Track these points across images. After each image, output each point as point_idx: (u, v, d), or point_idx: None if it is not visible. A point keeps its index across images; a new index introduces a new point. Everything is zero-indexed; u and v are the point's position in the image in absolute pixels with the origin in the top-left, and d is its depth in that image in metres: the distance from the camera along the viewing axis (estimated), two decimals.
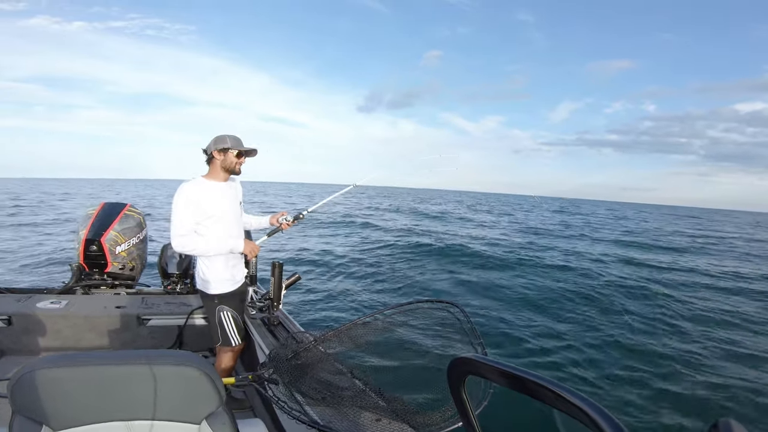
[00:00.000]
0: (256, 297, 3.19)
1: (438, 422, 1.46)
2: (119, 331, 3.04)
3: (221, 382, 1.16)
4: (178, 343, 3.14)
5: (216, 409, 1.15)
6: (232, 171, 2.44)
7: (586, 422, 0.53)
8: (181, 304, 3.34)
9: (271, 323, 2.83)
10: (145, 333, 3.09)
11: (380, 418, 1.60)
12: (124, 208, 3.70)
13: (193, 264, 3.91)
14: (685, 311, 7.65)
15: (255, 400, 2.62)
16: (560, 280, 9.46)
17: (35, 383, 0.99)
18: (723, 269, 12.53)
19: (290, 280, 3.01)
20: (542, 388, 0.59)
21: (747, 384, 4.71)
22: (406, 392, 1.71)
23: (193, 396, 1.12)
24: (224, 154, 2.37)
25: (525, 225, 23.44)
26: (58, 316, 2.91)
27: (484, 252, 12.37)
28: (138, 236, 3.69)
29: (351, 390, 1.79)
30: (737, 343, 6.10)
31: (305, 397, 1.76)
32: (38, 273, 7.60)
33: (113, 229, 3.52)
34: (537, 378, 0.60)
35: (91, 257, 3.47)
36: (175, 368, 1.09)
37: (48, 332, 2.89)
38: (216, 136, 2.42)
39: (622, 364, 5.23)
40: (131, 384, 1.06)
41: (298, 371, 1.95)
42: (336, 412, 1.67)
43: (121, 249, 3.55)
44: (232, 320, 2.48)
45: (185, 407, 1.12)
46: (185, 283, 3.81)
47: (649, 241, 19.46)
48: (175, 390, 1.10)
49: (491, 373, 0.68)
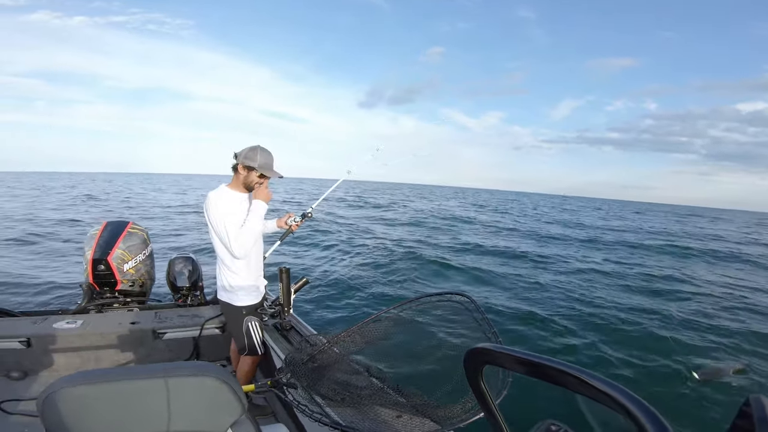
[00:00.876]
0: (267, 303, 3.21)
1: (459, 414, 1.47)
2: (136, 346, 3.07)
3: (242, 390, 1.17)
4: (195, 354, 3.17)
5: (240, 417, 1.17)
6: (250, 189, 2.43)
7: (611, 405, 0.52)
8: (194, 315, 3.37)
9: (283, 328, 2.85)
10: (161, 346, 3.12)
11: (401, 414, 1.61)
12: (127, 225, 3.72)
13: (201, 276, 3.93)
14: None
15: (276, 405, 2.65)
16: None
17: (64, 401, 1.00)
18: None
19: (298, 284, 3.03)
20: (562, 373, 0.58)
21: None
22: (425, 387, 1.71)
23: (216, 405, 1.13)
24: (248, 172, 2.34)
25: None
26: (75, 336, 2.94)
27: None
28: (144, 252, 3.71)
29: (369, 388, 1.81)
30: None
31: (325, 399, 1.77)
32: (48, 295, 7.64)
33: (119, 247, 3.54)
34: (556, 363, 0.60)
35: (100, 276, 3.50)
36: (195, 379, 1.10)
37: (67, 351, 2.93)
38: (252, 146, 2.34)
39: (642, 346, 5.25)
40: (154, 397, 1.08)
41: (316, 374, 1.97)
42: (356, 411, 1.69)
43: (128, 266, 3.57)
44: (259, 329, 2.52)
45: (209, 417, 1.14)
46: (195, 295, 3.84)
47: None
48: (198, 401, 1.12)
49: (508, 362, 0.68)
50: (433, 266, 10.01)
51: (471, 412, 1.43)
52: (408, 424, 1.54)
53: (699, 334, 5.67)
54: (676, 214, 54.38)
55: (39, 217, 15.31)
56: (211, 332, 3.20)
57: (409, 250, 11.52)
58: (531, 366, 0.64)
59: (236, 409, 1.15)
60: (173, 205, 23.13)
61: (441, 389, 1.61)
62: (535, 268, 10.30)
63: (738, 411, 0.43)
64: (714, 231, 27.38)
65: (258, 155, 2.32)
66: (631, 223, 30.75)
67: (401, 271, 9.43)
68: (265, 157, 2.34)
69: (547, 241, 15.69)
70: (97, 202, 24.03)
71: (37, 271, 8.85)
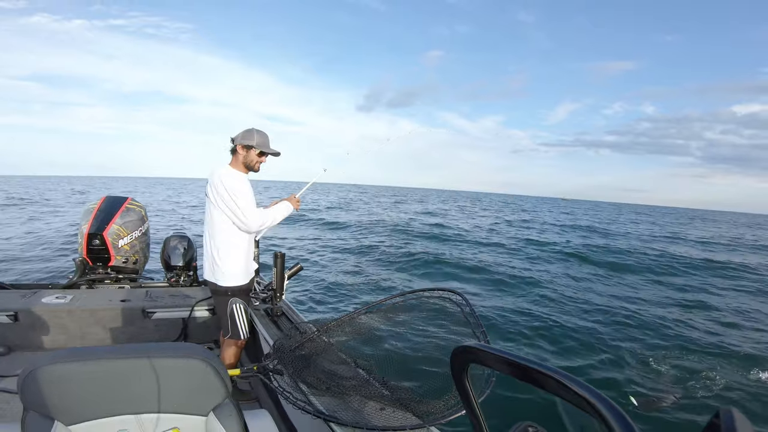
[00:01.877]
0: (259, 288, 3.21)
1: (441, 410, 1.47)
2: (125, 324, 3.07)
3: (227, 373, 1.17)
4: (183, 336, 3.17)
5: (222, 401, 1.17)
6: (251, 168, 2.48)
7: (589, 410, 0.53)
8: (185, 296, 3.36)
9: (274, 314, 2.85)
10: (150, 326, 3.12)
11: (384, 407, 1.62)
12: (126, 201, 3.70)
13: (195, 256, 3.92)
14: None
15: (260, 390, 2.65)
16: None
17: (45, 379, 1.00)
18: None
19: (292, 270, 3.02)
20: (544, 376, 0.59)
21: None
22: (410, 381, 1.72)
23: (200, 388, 1.13)
24: (247, 151, 2.41)
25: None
26: (63, 311, 2.93)
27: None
28: (140, 229, 3.70)
29: (355, 380, 1.81)
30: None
31: (310, 388, 1.77)
32: (42, 268, 7.65)
33: (115, 222, 3.53)
34: (539, 366, 0.60)
35: (94, 251, 3.49)
36: (181, 360, 1.10)
37: (54, 327, 2.92)
38: (246, 129, 2.44)
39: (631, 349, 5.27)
40: (139, 377, 1.07)
41: (303, 362, 1.97)
42: (340, 401, 1.69)
43: (123, 242, 3.56)
44: (244, 313, 2.49)
45: (192, 399, 1.14)
46: (188, 275, 3.83)
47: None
48: (182, 382, 1.12)
49: (493, 361, 0.68)
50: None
51: (453, 409, 1.44)
52: (390, 417, 1.55)
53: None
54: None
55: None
56: (201, 314, 3.20)
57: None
58: (515, 367, 0.64)
59: (220, 393, 1.15)
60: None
61: (426, 384, 1.62)
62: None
63: (708, 423, 0.44)
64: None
65: (255, 135, 2.41)
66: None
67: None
68: (261, 137, 2.43)
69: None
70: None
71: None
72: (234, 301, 2.46)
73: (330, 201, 36.09)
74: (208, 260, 2.46)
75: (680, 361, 5.05)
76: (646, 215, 55.82)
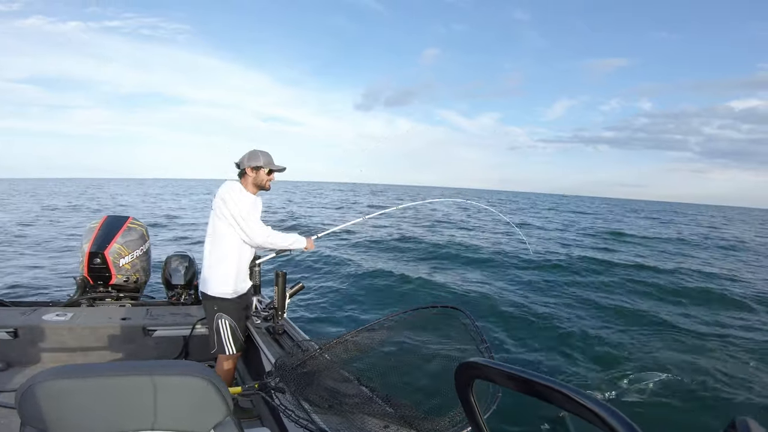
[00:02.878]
0: (261, 306, 3.19)
1: (446, 427, 1.45)
2: (125, 342, 3.04)
3: (228, 391, 1.16)
4: (184, 353, 3.14)
5: (224, 419, 1.15)
6: (262, 187, 2.57)
7: (598, 424, 0.52)
8: (186, 314, 3.34)
9: (276, 332, 2.83)
10: (150, 344, 3.09)
11: (388, 424, 1.59)
12: (127, 220, 3.72)
13: (196, 275, 3.92)
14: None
15: (262, 409, 2.61)
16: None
17: (43, 395, 0.99)
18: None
19: (294, 289, 3.01)
20: (551, 390, 0.58)
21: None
22: (414, 398, 1.69)
23: (201, 406, 1.12)
24: (256, 172, 2.50)
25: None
26: (63, 329, 2.91)
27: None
28: (141, 248, 3.71)
29: (358, 397, 1.79)
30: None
31: (312, 406, 1.75)
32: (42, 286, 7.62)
33: (116, 241, 3.53)
34: (545, 380, 0.60)
35: (95, 270, 3.49)
36: (181, 378, 1.09)
37: (54, 344, 2.89)
38: (250, 151, 2.52)
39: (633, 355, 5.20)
40: (138, 395, 1.06)
41: (305, 379, 1.95)
42: (343, 419, 1.66)
43: (124, 261, 3.56)
44: (229, 329, 2.51)
45: (193, 417, 1.12)
46: (189, 294, 3.82)
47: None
48: (183, 400, 1.10)
49: (498, 377, 0.67)
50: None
51: (458, 426, 1.42)
52: None
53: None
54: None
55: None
56: (202, 332, 3.17)
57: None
58: (521, 382, 0.63)
59: (221, 411, 1.14)
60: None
61: (430, 401, 1.60)
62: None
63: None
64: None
65: (260, 155, 2.50)
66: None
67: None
68: (266, 156, 2.52)
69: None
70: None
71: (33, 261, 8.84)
72: (219, 316, 2.49)
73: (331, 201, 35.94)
74: (204, 270, 2.53)
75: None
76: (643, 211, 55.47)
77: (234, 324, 2.52)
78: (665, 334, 6.22)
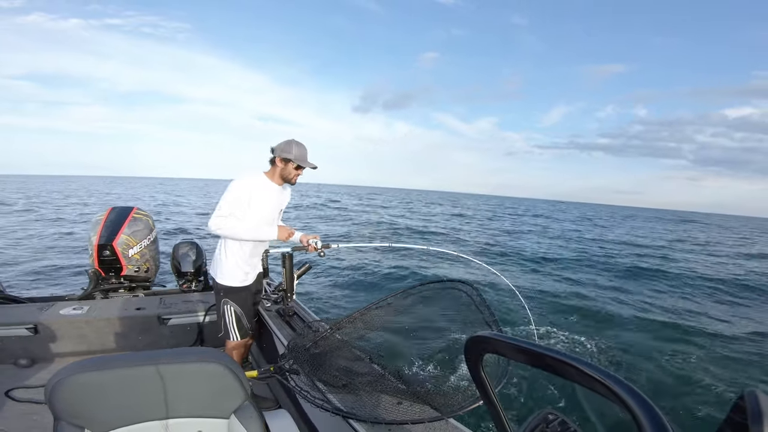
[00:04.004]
0: (270, 289, 3.22)
1: (459, 402, 1.48)
2: (141, 332, 3.11)
3: (245, 376, 1.18)
4: (199, 340, 3.21)
5: (243, 403, 1.18)
6: (288, 181, 2.54)
7: (610, 397, 0.52)
8: (199, 301, 3.39)
9: (286, 314, 2.87)
10: (166, 332, 3.15)
11: (401, 401, 1.62)
12: (132, 211, 3.73)
13: (205, 262, 3.95)
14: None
15: (279, 391, 2.67)
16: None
17: (73, 389, 1.02)
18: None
19: (301, 270, 3.03)
20: (562, 363, 0.58)
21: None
22: (425, 374, 1.72)
23: (220, 391, 1.15)
24: (285, 164, 2.47)
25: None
26: (81, 322, 2.98)
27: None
28: (148, 238, 3.73)
29: (370, 375, 1.82)
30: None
31: (326, 385, 1.78)
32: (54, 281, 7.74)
33: (123, 232, 3.56)
34: (556, 353, 0.59)
35: (106, 262, 3.53)
36: (200, 365, 1.11)
37: (74, 338, 2.96)
38: (287, 140, 2.48)
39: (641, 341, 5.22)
40: (160, 383, 1.09)
41: (318, 360, 1.98)
42: (357, 398, 1.70)
43: (133, 252, 3.59)
44: (234, 315, 2.55)
45: (213, 402, 1.15)
46: (198, 281, 3.86)
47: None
48: (203, 386, 1.13)
49: (508, 350, 0.67)
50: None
51: (470, 400, 1.44)
52: (408, 411, 1.56)
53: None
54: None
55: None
56: (215, 318, 3.23)
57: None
58: (530, 355, 0.63)
59: (239, 395, 1.16)
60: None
61: (442, 376, 1.62)
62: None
63: (732, 404, 0.43)
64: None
65: (293, 148, 2.45)
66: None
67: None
68: (299, 150, 2.47)
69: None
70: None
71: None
72: (225, 302, 2.54)
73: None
74: (215, 257, 2.56)
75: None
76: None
77: (240, 311, 2.56)
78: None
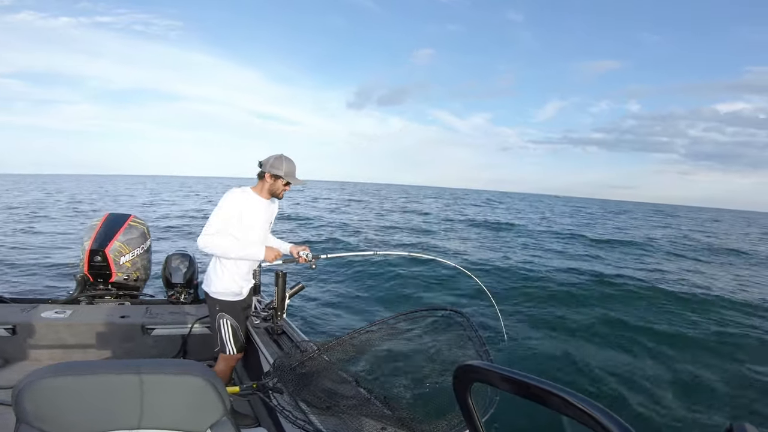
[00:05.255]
0: (260, 306, 3.19)
1: (444, 429, 1.45)
2: (123, 340, 3.04)
3: (226, 391, 1.16)
4: (182, 353, 3.14)
5: (220, 418, 1.15)
6: (275, 195, 2.56)
7: (596, 428, 0.52)
8: (185, 314, 3.34)
9: (275, 332, 2.83)
10: (149, 342, 3.09)
11: (385, 426, 1.59)
12: (128, 219, 3.72)
13: (196, 274, 3.92)
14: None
15: (260, 409, 2.61)
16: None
17: (40, 392, 0.98)
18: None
19: (294, 289, 3.01)
20: (549, 393, 0.58)
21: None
22: (412, 400, 1.69)
23: (198, 405, 1.12)
24: (275, 180, 2.47)
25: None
26: (62, 326, 2.91)
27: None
28: (142, 247, 3.71)
29: (356, 398, 1.78)
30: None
31: (310, 406, 1.75)
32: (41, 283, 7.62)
33: (117, 239, 3.54)
34: (543, 384, 0.60)
35: (96, 267, 3.49)
36: (179, 377, 1.09)
37: (52, 342, 2.89)
38: (277, 156, 2.47)
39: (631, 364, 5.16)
40: (136, 392, 1.06)
41: (303, 380, 1.95)
42: (341, 421, 1.66)
43: (125, 259, 3.56)
44: (231, 329, 2.52)
45: (190, 416, 1.12)
46: (189, 293, 3.81)
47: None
48: (180, 398, 1.10)
49: (497, 380, 0.67)
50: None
51: (456, 428, 1.41)
52: None
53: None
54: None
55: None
56: (201, 331, 3.17)
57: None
58: (519, 385, 0.63)
59: (218, 410, 1.14)
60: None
61: (428, 404, 1.60)
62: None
63: None
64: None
65: (283, 164, 2.44)
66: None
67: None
68: (289, 166, 2.46)
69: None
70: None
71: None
72: (221, 316, 2.51)
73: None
74: (208, 270, 2.54)
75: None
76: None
77: (236, 324, 2.53)
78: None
